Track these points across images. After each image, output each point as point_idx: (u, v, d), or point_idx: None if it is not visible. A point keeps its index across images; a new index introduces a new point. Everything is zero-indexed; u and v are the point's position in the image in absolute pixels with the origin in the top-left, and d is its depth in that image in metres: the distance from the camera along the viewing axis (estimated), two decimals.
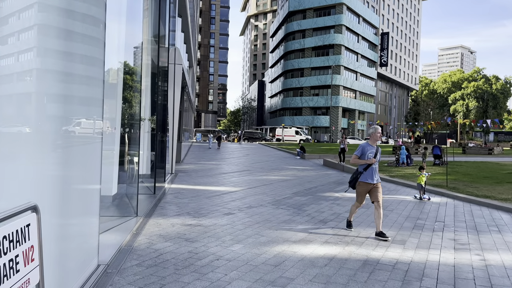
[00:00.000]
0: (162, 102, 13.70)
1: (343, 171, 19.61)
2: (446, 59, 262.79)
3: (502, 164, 21.17)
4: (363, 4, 74.01)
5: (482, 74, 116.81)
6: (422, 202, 10.78)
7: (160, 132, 13.80)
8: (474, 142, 39.90)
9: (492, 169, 18.69)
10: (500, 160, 24.44)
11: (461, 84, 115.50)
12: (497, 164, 21.31)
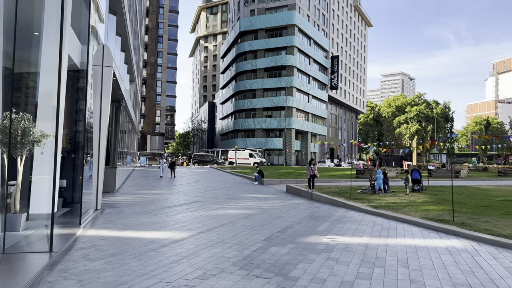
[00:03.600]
0: (79, 112, 9.95)
1: (312, 199, 16.57)
2: (388, 84, 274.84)
3: (485, 189, 19.18)
4: (314, 27, 73.80)
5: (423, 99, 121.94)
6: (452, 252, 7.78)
7: (75, 153, 9.97)
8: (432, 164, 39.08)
9: (480, 195, 16.47)
10: (477, 184, 22.67)
11: (404, 108, 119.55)
12: (478, 189, 19.29)
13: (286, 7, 69.26)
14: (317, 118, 75.77)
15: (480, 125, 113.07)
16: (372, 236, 9.07)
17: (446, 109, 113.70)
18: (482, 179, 27.57)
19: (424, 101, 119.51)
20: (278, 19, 66.89)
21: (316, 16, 78.25)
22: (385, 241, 8.49)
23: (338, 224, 10.63)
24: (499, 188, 19.88)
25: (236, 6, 79.49)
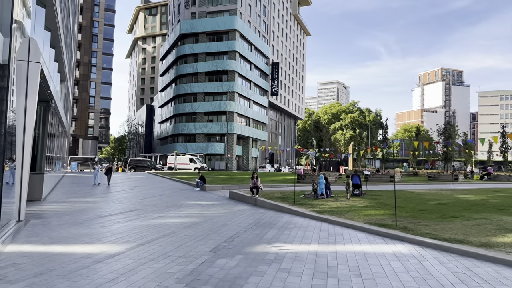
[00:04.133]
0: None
1: (256, 205, 16.26)
2: (325, 92, 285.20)
3: (419, 193, 20.08)
4: (255, 33, 74.37)
5: (357, 107, 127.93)
6: (400, 258, 7.76)
7: None
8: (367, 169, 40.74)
9: (416, 199, 17.15)
10: (411, 188, 23.71)
11: (339, 115, 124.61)
12: (413, 193, 20.15)
13: (228, 12, 69.13)
14: (258, 123, 76.25)
15: (408, 132, 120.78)
16: (321, 243, 8.89)
17: (378, 116, 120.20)
18: (414, 183, 29.09)
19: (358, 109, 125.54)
20: (219, 23, 66.51)
21: (257, 22, 79.00)
22: (334, 248, 8.32)
23: (285, 231, 10.37)
24: (431, 192, 20.96)
25: (176, 8, 77.94)
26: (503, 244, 8.25)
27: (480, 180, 34.53)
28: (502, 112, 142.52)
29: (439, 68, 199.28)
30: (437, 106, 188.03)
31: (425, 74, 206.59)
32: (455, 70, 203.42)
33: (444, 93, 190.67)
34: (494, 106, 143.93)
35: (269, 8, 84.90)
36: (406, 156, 64.58)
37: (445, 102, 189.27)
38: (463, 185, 26.85)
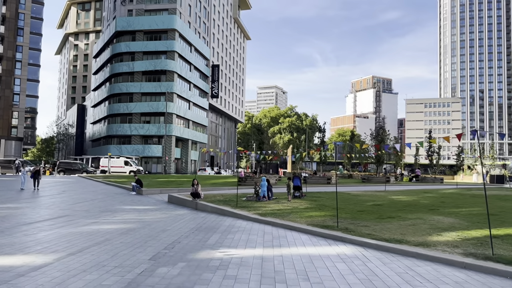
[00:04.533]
0: None
1: (197, 209, 15.77)
2: (264, 96, 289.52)
3: (356, 195, 20.73)
4: (194, 34, 73.29)
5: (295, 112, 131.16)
6: (344, 260, 7.74)
7: None
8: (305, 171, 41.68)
9: (353, 200, 17.65)
10: (347, 190, 24.45)
11: (278, 119, 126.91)
12: (350, 195, 20.76)
13: (167, 11, 67.43)
14: (197, 125, 75.14)
15: (342, 136, 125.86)
16: (266, 246, 8.69)
17: (314, 121, 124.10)
18: (350, 185, 30.14)
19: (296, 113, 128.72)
20: (158, 22, 64.67)
21: (197, 23, 78.00)
22: (279, 252, 8.15)
23: (229, 235, 10.05)
24: (367, 194, 21.76)
25: (112, 4, 74.57)
26: (438, 243, 8.59)
27: (409, 181, 36.74)
28: (427, 119, 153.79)
29: (371, 76, 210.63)
30: (368, 112, 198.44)
31: (358, 81, 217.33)
32: (385, 78, 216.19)
33: (375, 99, 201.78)
34: (419, 113, 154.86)
35: (209, 9, 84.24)
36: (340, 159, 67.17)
37: (376, 108, 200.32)
38: (395, 187, 28.32)
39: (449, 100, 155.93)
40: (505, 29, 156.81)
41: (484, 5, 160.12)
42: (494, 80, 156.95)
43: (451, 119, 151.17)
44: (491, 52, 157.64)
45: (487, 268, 6.70)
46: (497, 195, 20.05)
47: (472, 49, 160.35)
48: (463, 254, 7.56)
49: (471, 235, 9.38)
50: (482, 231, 9.91)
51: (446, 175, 50.74)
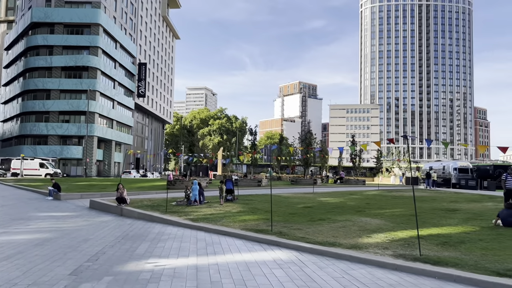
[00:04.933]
0: None
1: (122, 215, 14.82)
2: (193, 98, 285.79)
3: (286, 197, 20.94)
4: (120, 30, 69.98)
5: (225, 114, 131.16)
6: (281, 265, 7.58)
7: None
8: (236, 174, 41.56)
9: (285, 203, 17.78)
10: (278, 193, 24.59)
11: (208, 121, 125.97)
12: (281, 197, 20.91)
13: (90, 4, 63.52)
14: (122, 126, 71.71)
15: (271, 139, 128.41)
16: (199, 254, 8.27)
17: (244, 123, 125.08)
18: (280, 187, 30.56)
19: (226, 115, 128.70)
20: (80, 15, 60.69)
21: (123, 19, 74.63)
22: (214, 260, 7.79)
23: (159, 243, 9.46)
24: (297, 196, 22.13)
25: None
26: (369, 245, 8.80)
27: (334, 183, 38.30)
28: (348, 123, 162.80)
29: (297, 81, 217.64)
30: (295, 116, 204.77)
31: (285, 86, 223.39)
32: (310, 84, 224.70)
33: (301, 104, 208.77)
34: (341, 118, 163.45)
35: (136, 6, 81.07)
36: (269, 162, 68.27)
37: (302, 113, 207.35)
38: (322, 189, 29.25)
39: (368, 106, 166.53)
40: (417, 43, 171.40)
41: (400, 20, 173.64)
42: (408, 89, 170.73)
43: (370, 124, 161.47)
44: (406, 63, 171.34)
45: (417, 269, 6.94)
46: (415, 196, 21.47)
47: (389, 60, 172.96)
48: (393, 256, 7.79)
49: (398, 236, 9.78)
50: (407, 232, 10.39)
51: (366, 177, 53.84)
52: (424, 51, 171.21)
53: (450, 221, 12.36)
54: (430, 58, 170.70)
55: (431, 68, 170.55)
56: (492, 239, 9.28)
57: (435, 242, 9.10)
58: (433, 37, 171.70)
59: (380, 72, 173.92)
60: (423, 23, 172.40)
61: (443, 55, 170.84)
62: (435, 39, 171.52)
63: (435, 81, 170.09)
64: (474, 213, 13.82)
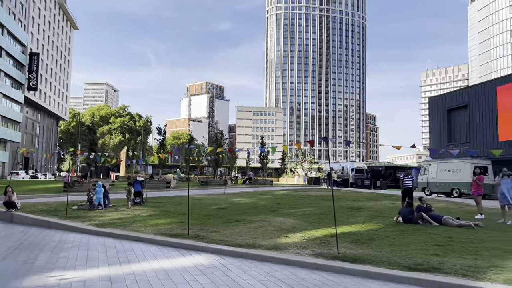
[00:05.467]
0: None
1: (13, 222, 13.08)
2: (92, 93, 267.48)
3: (198, 199, 20.42)
4: (8, 15, 62.55)
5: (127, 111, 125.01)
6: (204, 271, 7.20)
7: None
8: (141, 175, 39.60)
9: (198, 205, 17.31)
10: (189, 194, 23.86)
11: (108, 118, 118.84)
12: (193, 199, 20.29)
13: None
14: (9, 121, 64.10)
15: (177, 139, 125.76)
16: (112, 264, 7.53)
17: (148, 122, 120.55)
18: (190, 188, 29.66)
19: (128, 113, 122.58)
20: None
21: (12, 3, 66.81)
22: (129, 269, 7.14)
23: (61, 252, 8.43)
24: (209, 197, 21.78)
25: None
26: (288, 245, 8.87)
27: (243, 184, 38.72)
28: (255, 125, 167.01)
29: (205, 82, 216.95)
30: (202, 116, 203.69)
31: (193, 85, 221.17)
32: (218, 85, 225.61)
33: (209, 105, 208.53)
34: (248, 120, 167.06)
35: None
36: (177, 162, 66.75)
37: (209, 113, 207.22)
38: (232, 189, 29.24)
39: (273, 109, 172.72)
40: (318, 51, 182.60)
41: (303, 28, 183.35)
42: (309, 94, 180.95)
43: (274, 127, 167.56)
44: (307, 70, 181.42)
45: (337, 267, 7.12)
46: (320, 195, 22.60)
47: (292, 66, 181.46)
48: (313, 255, 7.92)
49: (314, 235, 10.04)
50: (321, 230, 10.74)
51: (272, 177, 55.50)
52: (324, 60, 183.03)
53: (357, 219, 13.13)
54: (329, 67, 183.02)
55: (329, 76, 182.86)
56: (397, 235, 10.01)
57: (348, 240, 9.51)
58: (332, 46, 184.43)
59: (284, 77, 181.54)
60: (323, 33, 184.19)
61: (340, 64, 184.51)
62: (333, 49, 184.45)
63: (332, 88, 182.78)
64: (376, 211, 14.91)
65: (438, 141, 29.34)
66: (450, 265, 6.89)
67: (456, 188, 23.59)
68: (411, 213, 11.80)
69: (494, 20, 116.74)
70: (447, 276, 6.30)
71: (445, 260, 7.26)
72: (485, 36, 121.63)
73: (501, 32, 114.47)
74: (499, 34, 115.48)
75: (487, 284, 5.84)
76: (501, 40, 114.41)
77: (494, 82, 25.28)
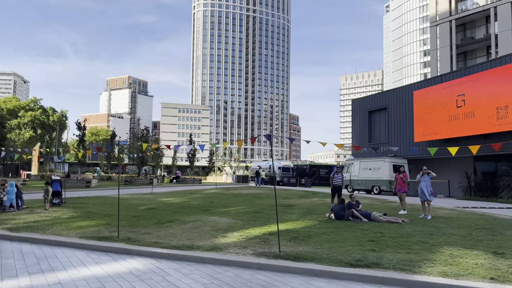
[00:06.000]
0: None
1: None
2: None
3: (124, 199, 19.20)
4: None
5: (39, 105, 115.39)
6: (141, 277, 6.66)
7: None
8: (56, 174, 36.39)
9: (124, 205, 16.25)
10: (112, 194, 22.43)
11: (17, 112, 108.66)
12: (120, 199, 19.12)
13: None
14: None
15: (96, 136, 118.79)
16: (32, 273, 6.68)
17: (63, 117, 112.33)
18: (112, 188, 28.11)
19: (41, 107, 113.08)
20: None
21: None
22: (55, 278, 6.38)
23: None
24: (135, 197, 20.69)
25: None
26: (228, 245, 8.61)
27: (170, 183, 37.56)
28: (180, 123, 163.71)
29: (127, 76, 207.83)
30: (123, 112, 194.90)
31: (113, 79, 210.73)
32: (141, 80, 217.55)
33: (131, 100, 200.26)
34: (173, 117, 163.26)
35: None
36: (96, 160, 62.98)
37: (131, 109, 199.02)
38: (160, 189, 28.13)
39: (199, 107, 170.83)
40: (244, 51, 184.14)
41: (230, 27, 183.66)
42: (235, 93, 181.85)
43: (201, 125, 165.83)
44: (234, 69, 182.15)
45: (281, 266, 7.02)
46: (251, 193, 22.62)
47: (219, 64, 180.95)
48: (255, 255, 7.76)
49: (252, 234, 9.89)
50: (258, 229, 10.64)
51: (199, 175, 54.77)
52: (250, 60, 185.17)
53: (291, 216, 13.27)
54: (255, 67, 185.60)
55: (256, 76, 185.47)
56: (332, 231, 10.23)
57: (286, 237, 9.50)
58: (258, 47, 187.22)
59: (211, 74, 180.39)
60: (250, 33, 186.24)
61: (266, 65, 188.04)
62: (260, 49, 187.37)
63: (259, 88, 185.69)
64: (308, 208, 15.23)
65: (360, 141, 31.06)
66: (388, 260, 7.14)
67: (376, 185, 25.10)
68: (343, 209, 12.19)
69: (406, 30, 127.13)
70: (387, 271, 6.50)
71: (381, 255, 7.52)
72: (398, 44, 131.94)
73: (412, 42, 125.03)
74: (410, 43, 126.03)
75: (424, 277, 6.12)
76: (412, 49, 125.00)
77: (411, 87, 27.36)
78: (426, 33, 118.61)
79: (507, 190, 20.03)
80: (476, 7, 37.13)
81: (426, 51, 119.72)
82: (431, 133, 24.21)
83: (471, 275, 6.17)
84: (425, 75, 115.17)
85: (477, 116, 21.44)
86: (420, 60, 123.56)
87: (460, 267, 6.62)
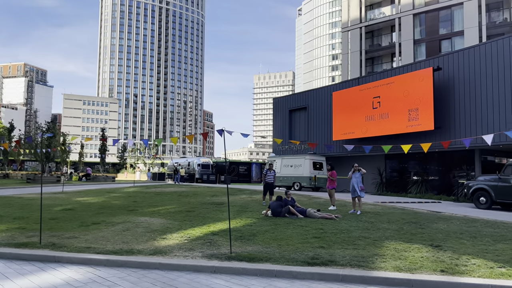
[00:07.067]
0: None
1: None
2: None
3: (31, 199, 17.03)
4: None
5: None
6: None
7: None
8: None
9: (34, 206, 14.44)
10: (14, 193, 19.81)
11: None
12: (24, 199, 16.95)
13: None
14: None
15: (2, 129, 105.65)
16: None
17: None
18: (14, 187, 24.88)
19: None
20: None
21: None
22: None
23: None
24: (45, 196, 18.49)
25: None
26: (172, 248, 8.02)
27: (80, 181, 34.60)
28: (85, 116, 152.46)
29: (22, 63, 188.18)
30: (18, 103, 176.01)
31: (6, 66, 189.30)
32: (39, 68, 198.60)
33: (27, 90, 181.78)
34: (77, 110, 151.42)
35: None
36: None
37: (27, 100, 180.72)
38: (71, 187, 25.59)
39: (107, 100, 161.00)
40: (157, 44, 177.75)
41: (141, 17, 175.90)
42: (146, 87, 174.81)
43: (108, 119, 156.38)
44: (145, 62, 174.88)
45: (237, 269, 6.68)
46: (175, 191, 21.70)
47: (129, 55, 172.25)
48: (205, 257, 7.32)
49: (194, 235, 9.37)
50: (198, 229, 10.14)
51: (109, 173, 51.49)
52: (163, 53, 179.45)
53: (226, 214, 12.91)
54: (168, 60, 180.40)
55: (168, 70, 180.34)
56: (273, 229, 10.13)
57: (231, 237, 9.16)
58: (171, 41, 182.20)
59: (120, 66, 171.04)
60: (162, 25, 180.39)
61: (180, 59, 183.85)
62: (173, 43, 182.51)
63: (171, 83, 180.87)
64: (240, 206, 15.00)
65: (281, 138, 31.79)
66: (340, 256, 7.20)
67: (297, 182, 25.85)
68: (280, 206, 12.20)
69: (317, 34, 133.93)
70: (344, 268, 6.54)
71: (332, 252, 7.57)
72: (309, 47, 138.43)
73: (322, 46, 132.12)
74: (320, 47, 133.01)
75: (381, 273, 6.26)
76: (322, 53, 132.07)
77: (330, 88, 28.71)
78: (334, 38, 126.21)
79: (415, 186, 22.06)
80: (382, 17, 40.27)
81: (334, 55, 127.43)
82: (348, 132, 25.65)
83: (422, 268, 6.47)
84: (333, 78, 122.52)
85: (391, 117, 23.20)
86: (329, 64, 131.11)
87: (409, 261, 6.91)
